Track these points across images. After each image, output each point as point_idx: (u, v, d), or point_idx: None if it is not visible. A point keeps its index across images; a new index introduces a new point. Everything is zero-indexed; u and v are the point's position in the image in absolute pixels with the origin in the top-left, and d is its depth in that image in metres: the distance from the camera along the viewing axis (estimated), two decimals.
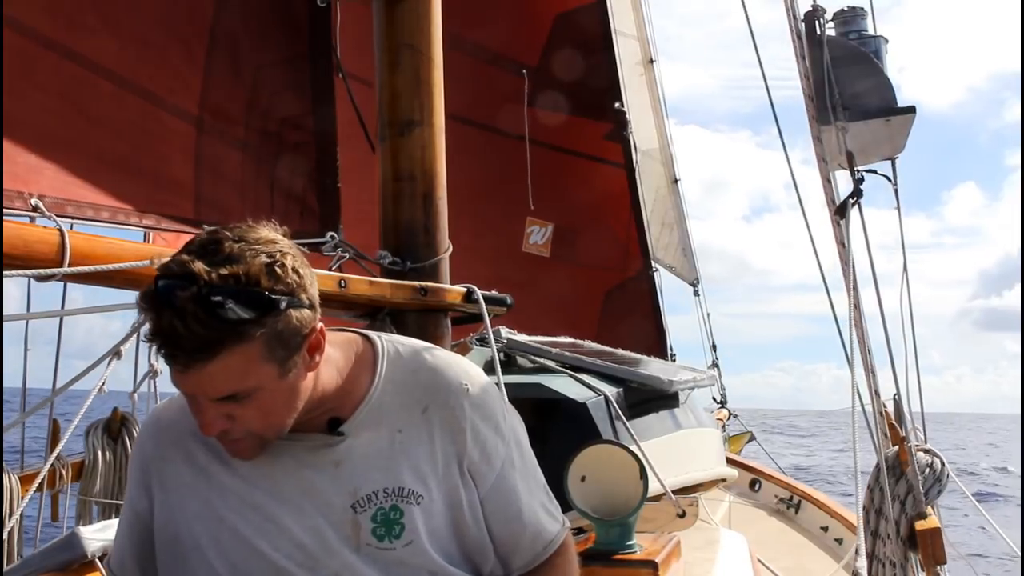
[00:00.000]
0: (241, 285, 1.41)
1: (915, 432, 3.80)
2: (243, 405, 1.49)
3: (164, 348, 1.41)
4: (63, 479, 3.93)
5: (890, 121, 4.01)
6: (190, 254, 1.43)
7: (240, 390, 1.47)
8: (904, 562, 3.54)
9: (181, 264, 1.41)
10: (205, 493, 1.64)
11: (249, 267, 1.42)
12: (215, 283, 1.39)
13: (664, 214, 10.91)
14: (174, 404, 1.72)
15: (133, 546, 1.73)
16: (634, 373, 4.06)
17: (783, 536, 5.76)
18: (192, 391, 1.48)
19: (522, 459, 1.76)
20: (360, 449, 1.62)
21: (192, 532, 1.63)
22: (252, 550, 1.60)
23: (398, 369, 1.68)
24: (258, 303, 1.42)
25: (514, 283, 4.37)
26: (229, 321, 1.39)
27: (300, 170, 2.99)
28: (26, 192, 2.16)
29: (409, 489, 1.62)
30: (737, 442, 9.36)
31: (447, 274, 3.01)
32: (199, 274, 1.38)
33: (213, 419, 1.49)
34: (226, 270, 1.40)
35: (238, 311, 1.40)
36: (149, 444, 1.72)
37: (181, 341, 1.39)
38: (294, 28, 3.02)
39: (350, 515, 1.60)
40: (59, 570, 2.28)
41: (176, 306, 1.37)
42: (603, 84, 7.28)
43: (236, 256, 1.43)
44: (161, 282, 1.40)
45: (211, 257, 1.42)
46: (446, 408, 1.66)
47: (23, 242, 1.82)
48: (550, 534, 1.78)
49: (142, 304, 1.41)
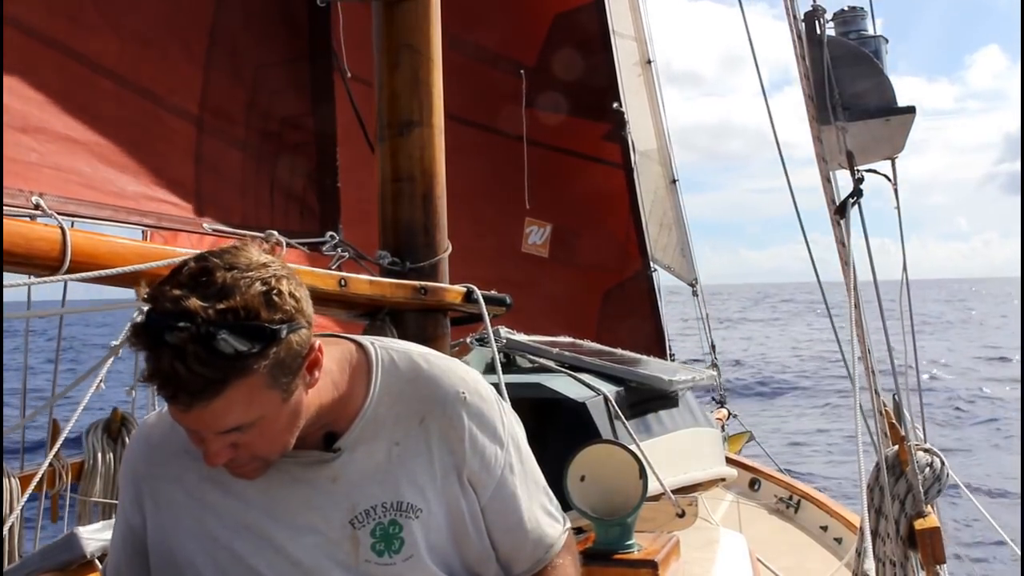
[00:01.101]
0: (240, 319, 1.35)
1: (915, 431, 3.81)
2: (247, 433, 1.46)
3: (165, 390, 1.37)
4: (63, 479, 3.93)
5: (890, 121, 4.02)
6: (181, 288, 1.36)
7: (245, 422, 1.43)
8: (904, 561, 3.55)
9: (175, 300, 1.34)
10: (199, 512, 1.61)
11: (246, 299, 1.36)
12: (213, 320, 1.33)
13: (663, 215, 10.91)
14: (164, 421, 1.67)
15: (128, 558, 1.71)
16: (633, 373, 4.06)
17: (783, 535, 5.76)
18: (195, 427, 1.44)
19: (521, 463, 1.74)
20: (357, 464, 1.60)
21: (186, 550, 1.62)
22: (248, 569, 1.58)
23: (393, 379, 1.65)
24: (260, 336, 1.37)
25: (513, 283, 4.38)
26: (231, 357, 1.34)
27: (300, 170, 2.99)
28: (27, 190, 2.16)
29: (408, 503, 1.60)
30: (737, 442, 9.35)
31: (446, 274, 3.00)
32: (195, 311, 1.32)
33: (218, 450, 1.46)
34: (223, 305, 1.34)
35: (240, 346, 1.35)
36: (140, 463, 1.69)
37: (184, 383, 1.34)
38: (294, 28, 3.02)
39: (349, 531, 1.58)
40: (58, 570, 2.28)
41: (174, 345, 1.31)
42: (601, 84, 7.28)
43: (231, 288, 1.36)
44: (154, 319, 1.34)
45: (204, 290, 1.35)
46: (443, 418, 1.64)
47: (24, 240, 1.81)
48: (551, 538, 1.76)
49: (135, 342, 1.35)
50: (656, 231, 10.46)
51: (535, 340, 4.22)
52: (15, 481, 3.46)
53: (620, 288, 7.58)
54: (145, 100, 2.59)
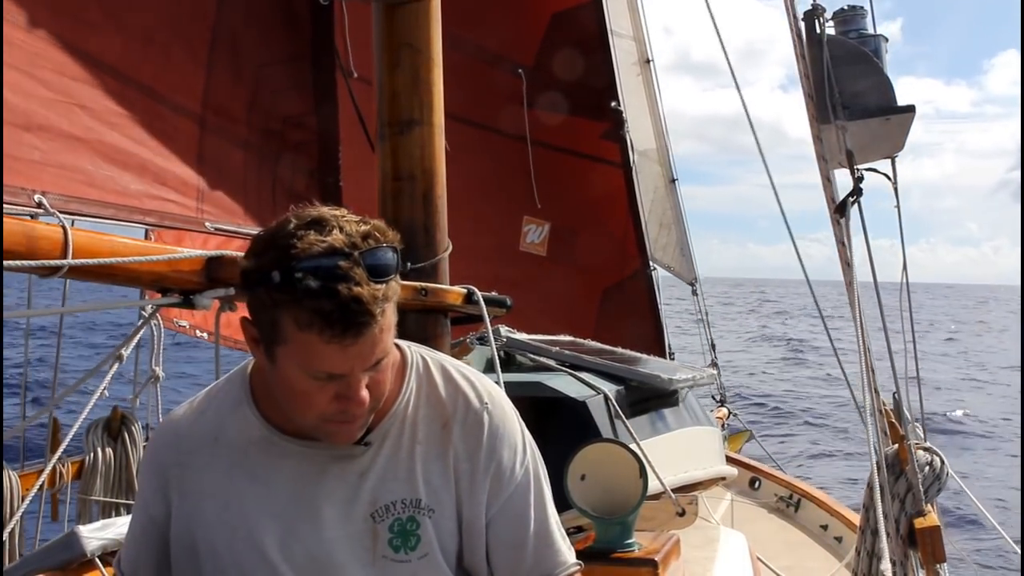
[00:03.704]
0: (379, 241, 1.45)
1: (915, 430, 3.81)
2: (379, 371, 1.50)
3: (336, 327, 1.40)
4: (63, 479, 3.93)
5: (890, 120, 4.02)
6: (306, 234, 1.42)
7: (385, 352, 1.49)
8: (904, 560, 3.55)
9: (317, 242, 1.41)
10: (224, 501, 1.62)
11: (366, 230, 1.45)
12: (361, 246, 1.42)
13: (662, 214, 10.91)
14: (191, 412, 1.71)
15: (149, 552, 1.71)
16: (634, 371, 4.06)
17: (783, 534, 5.77)
18: (352, 362, 1.45)
19: (538, 491, 1.72)
20: (382, 459, 1.62)
21: (208, 538, 1.63)
22: (264, 559, 1.59)
23: (425, 382, 1.68)
24: (395, 252, 1.47)
25: (512, 282, 4.39)
26: (388, 274, 1.43)
27: (302, 169, 2.99)
28: (29, 188, 2.16)
29: (425, 502, 1.62)
30: (737, 441, 9.36)
31: (447, 274, 3.00)
32: (344, 243, 1.41)
33: (362, 392, 1.49)
34: (362, 230, 1.44)
35: (393, 261, 1.45)
36: (166, 452, 1.70)
37: (364, 305, 1.39)
38: (296, 27, 3.02)
39: (369, 524, 1.60)
40: (59, 569, 2.28)
41: (343, 275, 1.38)
42: (600, 83, 7.28)
43: (345, 225, 1.44)
44: (311, 262, 1.39)
45: (331, 229, 1.43)
46: (464, 426, 1.66)
47: (26, 238, 1.81)
48: (550, 567, 1.73)
49: (295, 293, 1.39)
50: (656, 230, 10.46)
51: (535, 339, 4.22)
52: (15, 481, 3.46)
53: (619, 287, 7.58)
54: (148, 98, 2.59)
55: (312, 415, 1.51)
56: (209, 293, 2.19)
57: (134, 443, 3.93)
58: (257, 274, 1.44)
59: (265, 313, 1.45)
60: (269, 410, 1.63)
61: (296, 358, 1.45)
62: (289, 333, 1.43)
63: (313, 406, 1.50)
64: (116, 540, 2.34)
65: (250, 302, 1.50)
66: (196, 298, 2.18)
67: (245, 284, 1.49)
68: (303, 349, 1.43)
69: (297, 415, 1.54)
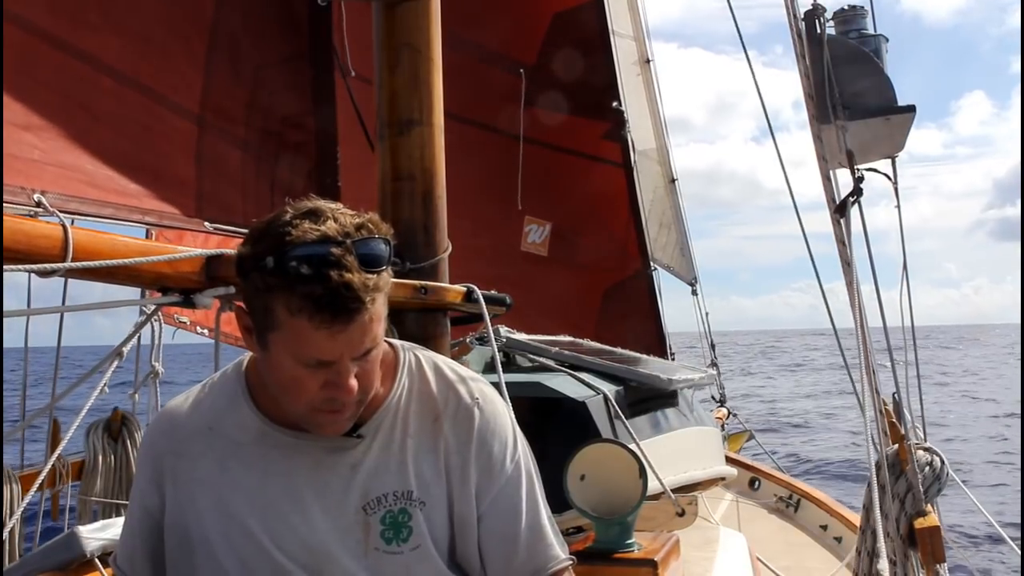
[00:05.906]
0: (370, 231, 1.47)
1: (915, 430, 3.80)
2: (368, 362, 1.52)
3: (326, 312, 1.42)
4: (63, 479, 3.93)
5: (890, 120, 4.01)
6: (301, 223, 1.44)
7: (375, 342, 1.51)
8: (904, 560, 3.55)
9: (311, 230, 1.43)
10: (218, 489, 1.64)
11: (359, 222, 1.47)
12: (354, 235, 1.45)
13: (662, 214, 10.92)
14: (187, 401, 1.73)
15: (144, 543, 1.72)
16: (633, 372, 4.06)
17: (782, 535, 5.77)
18: (342, 349, 1.48)
19: (529, 486, 1.73)
20: (374, 452, 1.64)
21: (202, 526, 1.64)
22: (259, 548, 1.60)
23: (416, 378, 1.71)
24: (388, 244, 1.49)
25: (512, 282, 4.38)
26: (379, 264, 1.46)
27: (300, 169, 2.99)
28: (29, 188, 2.16)
29: (416, 494, 1.63)
30: (736, 441, 9.38)
31: (447, 273, 3.00)
32: (337, 232, 1.44)
33: (351, 380, 1.51)
34: (355, 221, 1.46)
35: (384, 252, 1.47)
36: (162, 440, 1.71)
37: (354, 292, 1.42)
38: (295, 27, 3.02)
39: (361, 516, 1.61)
40: (58, 569, 2.27)
41: (335, 261, 1.41)
42: (601, 83, 7.28)
43: (340, 216, 1.47)
44: (304, 250, 1.42)
45: (325, 219, 1.45)
46: (455, 420, 1.68)
47: (26, 237, 1.81)
48: (545, 559, 1.72)
49: (287, 278, 1.42)
50: (656, 230, 10.47)
51: (535, 339, 4.22)
52: (15, 481, 3.46)
53: (620, 287, 7.58)
54: (146, 98, 2.60)
55: (302, 403, 1.53)
56: (209, 292, 2.19)
57: (134, 444, 3.93)
58: (252, 260, 1.47)
59: (259, 299, 1.48)
60: (264, 403, 1.65)
61: (287, 344, 1.47)
62: (281, 319, 1.45)
63: (303, 393, 1.52)
64: (116, 540, 2.34)
65: (245, 289, 1.52)
66: (196, 297, 2.18)
67: (240, 270, 1.51)
68: (294, 335, 1.45)
69: (288, 404, 1.56)
